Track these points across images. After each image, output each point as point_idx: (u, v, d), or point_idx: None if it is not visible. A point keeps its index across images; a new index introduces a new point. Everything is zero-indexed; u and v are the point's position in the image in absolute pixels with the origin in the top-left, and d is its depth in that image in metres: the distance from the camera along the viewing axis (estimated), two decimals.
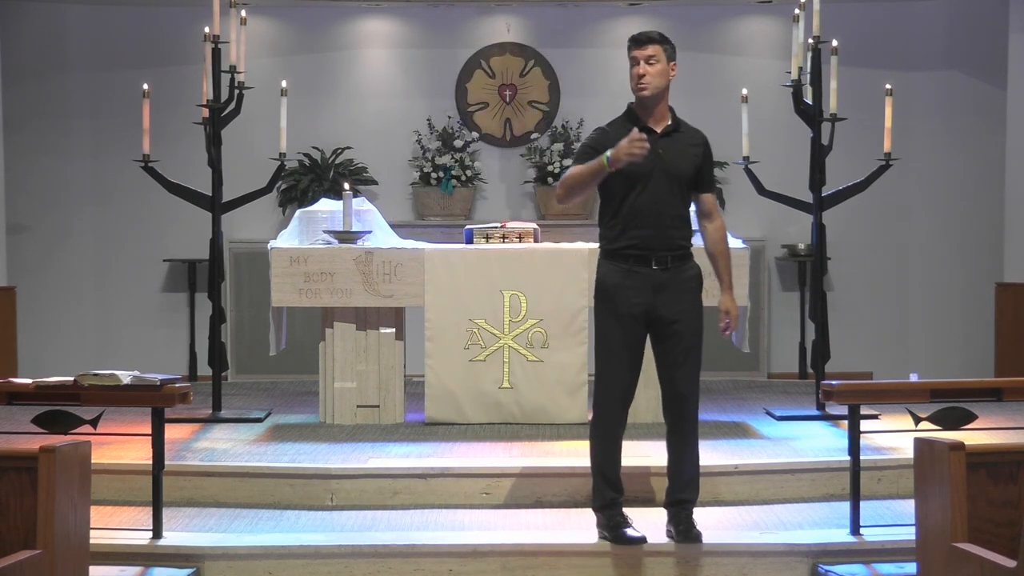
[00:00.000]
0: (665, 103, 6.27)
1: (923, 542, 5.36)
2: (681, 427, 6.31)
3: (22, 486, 5.13)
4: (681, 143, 6.24)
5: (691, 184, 6.26)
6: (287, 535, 6.51)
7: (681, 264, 6.26)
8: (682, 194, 6.23)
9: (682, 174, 6.21)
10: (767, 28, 12.15)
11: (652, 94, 6.21)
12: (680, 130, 6.28)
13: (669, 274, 6.23)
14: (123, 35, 12.03)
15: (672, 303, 6.23)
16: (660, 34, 6.30)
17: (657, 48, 6.22)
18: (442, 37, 12.22)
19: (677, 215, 6.22)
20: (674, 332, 6.24)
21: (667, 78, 6.23)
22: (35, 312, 11.78)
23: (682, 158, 6.21)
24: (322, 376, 8.69)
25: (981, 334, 11.61)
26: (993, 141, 11.56)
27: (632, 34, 6.31)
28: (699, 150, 6.26)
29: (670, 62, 6.24)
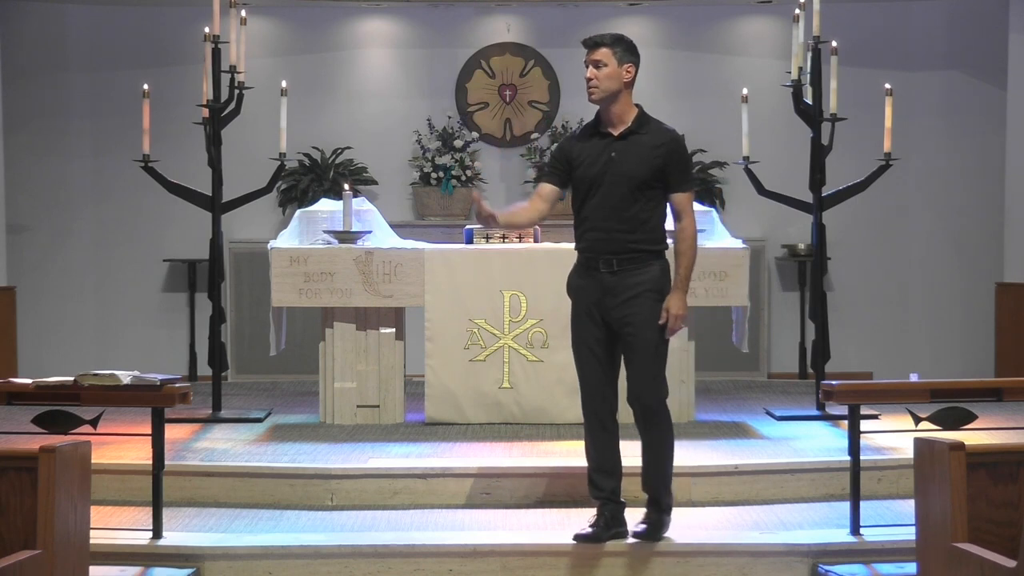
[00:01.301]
0: (623, 105, 6.23)
1: (923, 542, 5.36)
2: (640, 426, 6.28)
3: (22, 486, 5.13)
4: (639, 145, 6.18)
5: (651, 185, 6.15)
6: (287, 535, 6.51)
7: (631, 267, 6.18)
8: (637, 196, 6.14)
9: (634, 176, 6.14)
10: (767, 28, 12.15)
11: (600, 98, 6.21)
12: (642, 131, 6.21)
13: (617, 277, 6.19)
14: (123, 35, 12.03)
15: (621, 306, 6.19)
16: (613, 36, 6.26)
17: (606, 52, 6.19)
18: (442, 37, 12.22)
19: (629, 218, 6.16)
20: (626, 334, 6.20)
21: (619, 81, 6.20)
22: (35, 312, 11.78)
23: (636, 160, 6.15)
24: (322, 376, 8.69)
25: (981, 334, 11.61)
26: (993, 141, 11.56)
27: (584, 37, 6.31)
28: (661, 151, 6.16)
29: (623, 64, 6.20)
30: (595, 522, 6.28)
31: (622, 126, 6.23)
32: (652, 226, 6.19)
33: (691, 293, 8.36)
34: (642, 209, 6.16)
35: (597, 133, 6.29)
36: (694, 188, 6.34)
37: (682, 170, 6.23)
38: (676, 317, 6.16)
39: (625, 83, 6.22)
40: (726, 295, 8.58)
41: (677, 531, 6.51)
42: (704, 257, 8.52)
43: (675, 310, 6.16)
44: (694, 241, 6.22)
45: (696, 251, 6.24)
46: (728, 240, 8.82)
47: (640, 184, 6.15)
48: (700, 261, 8.46)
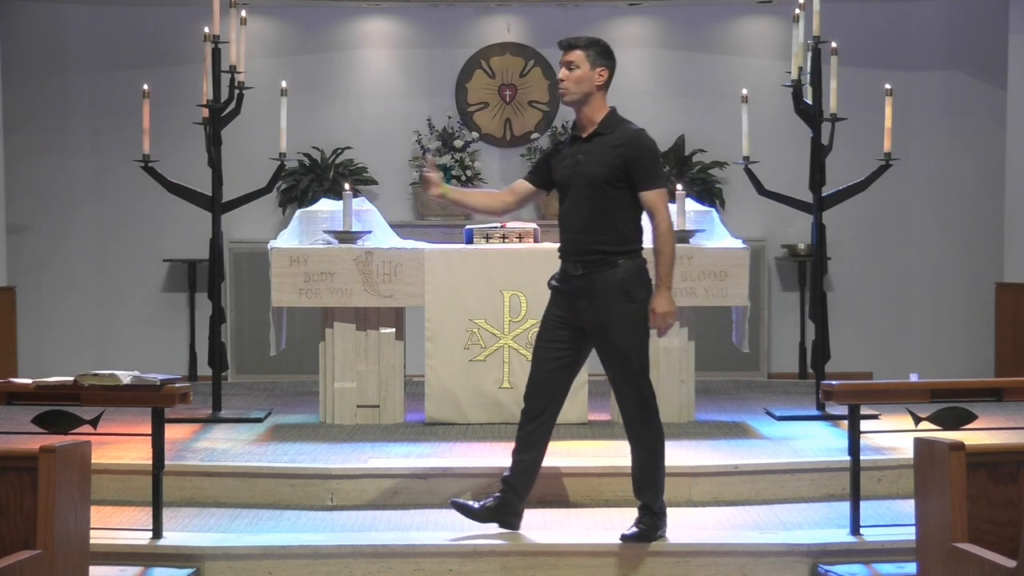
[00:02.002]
0: (594, 107, 6.22)
1: (923, 542, 5.36)
2: (627, 430, 6.30)
3: (22, 486, 5.13)
4: (603, 146, 6.17)
5: (615, 185, 6.12)
6: (287, 535, 6.51)
7: (599, 269, 6.15)
8: (602, 198, 6.12)
9: (596, 178, 6.12)
10: (767, 28, 12.15)
11: (571, 100, 6.22)
12: (607, 133, 6.19)
13: (585, 280, 6.18)
14: (123, 35, 12.02)
15: (591, 308, 6.17)
16: (587, 39, 6.27)
17: (579, 54, 6.20)
18: (442, 37, 12.22)
19: (595, 220, 6.14)
20: (601, 336, 6.20)
21: (591, 84, 6.19)
22: (35, 312, 11.78)
23: (598, 162, 6.14)
24: (322, 376, 8.69)
25: (981, 334, 11.61)
26: (993, 141, 11.56)
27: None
28: (621, 150, 6.13)
29: (596, 68, 6.19)
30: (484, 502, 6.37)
31: (591, 128, 6.24)
32: (618, 227, 6.15)
33: (691, 293, 8.51)
34: (607, 211, 6.14)
35: (573, 136, 6.34)
36: (664, 185, 6.23)
37: (647, 168, 6.15)
38: (662, 316, 6.12)
39: (597, 86, 6.21)
40: (726, 295, 8.58)
41: (677, 531, 6.51)
42: (704, 257, 8.56)
43: (659, 309, 6.12)
44: (669, 238, 6.13)
45: (673, 247, 6.14)
46: (728, 240, 8.82)
47: (602, 185, 6.13)
48: (700, 261, 8.54)
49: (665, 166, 11.77)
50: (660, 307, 6.11)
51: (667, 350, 8.65)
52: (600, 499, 7.08)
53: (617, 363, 6.20)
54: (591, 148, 6.19)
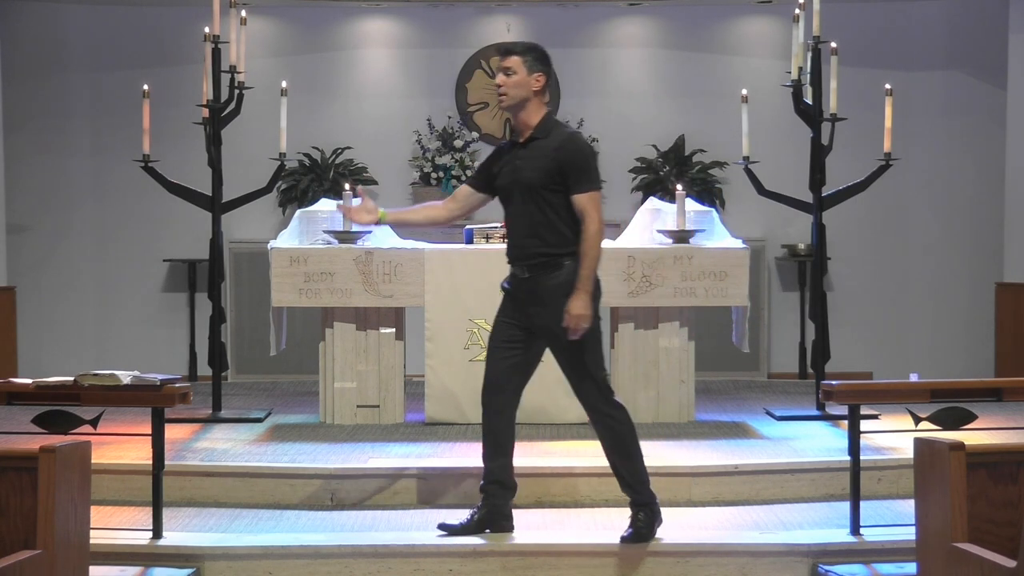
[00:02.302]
0: (531, 112, 6.26)
1: (923, 542, 5.36)
2: (594, 429, 6.32)
3: (22, 486, 5.13)
4: (539, 150, 6.21)
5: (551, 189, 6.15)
6: (287, 535, 6.51)
7: (543, 272, 6.20)
8: (542, 202, 6.17)
9: (532, 182, 6.17)
10: (767, 28, 12.14)
11: (508, 105, 6.28)
12: (543, 137, 6.24)
13: (530, 284, 6.24)
14: (123, 35, 12.02)
15: (539, 312, 6.21)
16: (524, 45, 6.33)
17: (516, 60, 6.24)
18: (442, 37, 12.22)
19: (535, 223, 6.19)
20: (551, 337, 6.23)
21: (528, 89, 6.23)
22: (35, 312, 11.78)
23: (534, 166, 6.19)
24: (322, 376, 8.69)
25: (981, 334, 11.61)
26: (993, 141, 11.56)
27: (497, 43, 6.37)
28: (557, 153, 6.17)
29: (533, 73, 6.24)
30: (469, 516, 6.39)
31: (528, 133, 6.28)
32: (560, 229, 6.18)
33: (691, 293, 8.52)
34: (548, 214, 6.18)
35: (512, 142, 6.40)
36: (596, 188, 6.22)
37: (579, 170, 6.18)
38: (575, 318, 6.12)
39: (534, 91, 6.25)
40: (726, 295, 8.58)
41: (677, 531, 6.52)
42: (704, 257, 8.56)
43: (573, 310, 6.13)
44: (596, 241, 6.16)
45: (599, 252, 6.17)
46: (728, 240, 8.82)
47: (540, 190, 6.18)
48: (700, 261, 8.54)
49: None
50: (574, 308, 6.12)
51: (667, 350, 8.66)
52: (600, 499, 7.08)
53: (569, 362, 6.25)
54: (528, 153, 6.25)
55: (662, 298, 8.56)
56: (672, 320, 8.67)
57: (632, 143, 12.03)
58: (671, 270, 8.54)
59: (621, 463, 6.31)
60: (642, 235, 8.88)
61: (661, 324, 8.67)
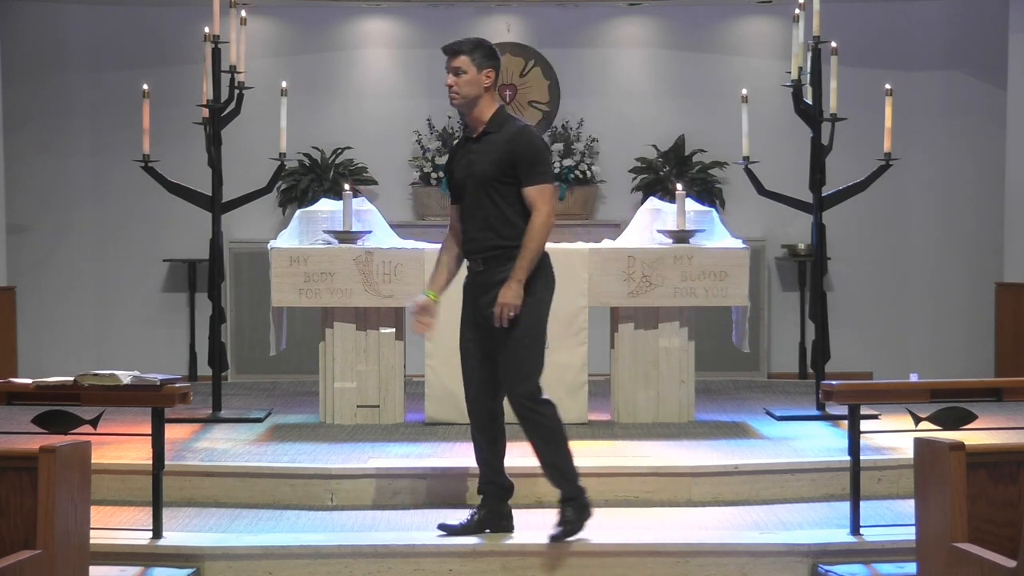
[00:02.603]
0: (483, 108, 6.30)
1: (923, 542, 5.36)
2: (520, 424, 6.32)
3: (22, 486, 5.13)
4: (492, 144, 6.25)
5: (504, 182, 6.18)
6: (287, 535, 6.51)
7: (495, 265, 6.22)
8: (492, 196, 6.20)
9: (485, 176, 6.21)
10: (767, 28, 12.15)
11: (460, 103, 6.32)
12: (495, 131, 6.27)
13: (484, 276, 6.27)
14: (123, 35, 12.02)
15: (489, 304, 6.22)
16: (471, 43, 6.34)
17: (464, 59, 6.27)
18: (442, 37, 11.98)
19: (488, 217, 6.22)
20: (498, 329, 6.22)
21: (479, 87, 6.27)
22: (35, 312, 11.77)
23: (487, 160, 6.22)
24: (322, 376, 8.69)
25: (981, 334, 11.61)
26: (993, 141, 11.56)
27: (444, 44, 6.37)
28: (508, 146, 6.20)
29: (482, 70, 6.27)
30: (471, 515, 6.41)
31: (480, 128, 6.33)
32: (514, 221, 6.21)
33: (691, 293, 8.52)
34: (501, 207, 6.21)
35: (465, 138, 6.44)
36: (548, 181, 6.23)
37: (530, 163, 6.20)
38: (502, 306, 6.13)
39: (485, 87, 6.30)
40: (726, 295, 8.58)
41: (677, 531, 6.53)
42: (704, 257, 8.56)
43: (502, 298, 6.14)
44: (539, 234, 6.17)
45: (540, 245, 6.18)
46: (728, 240, 8.82)
47: (493, 183, 6.21)
48: (700, 261, 8.54)
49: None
50: (504, 296, 6.14)
51: (667, 350, 8.66)
52: (600, 499, 7.05)
53: (506, 355, 6.24)
54: (481, 147, 6.29)
55: (662, 298, 8.56)
56: (672, 320, 8.67)
57: (632, 143, 12.04)
58: (671, 270, 8.54)
59: (550, 458, 6.31)
60: (642, 235, 8.88)
61: (661, 324, 8.66)
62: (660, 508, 7.02)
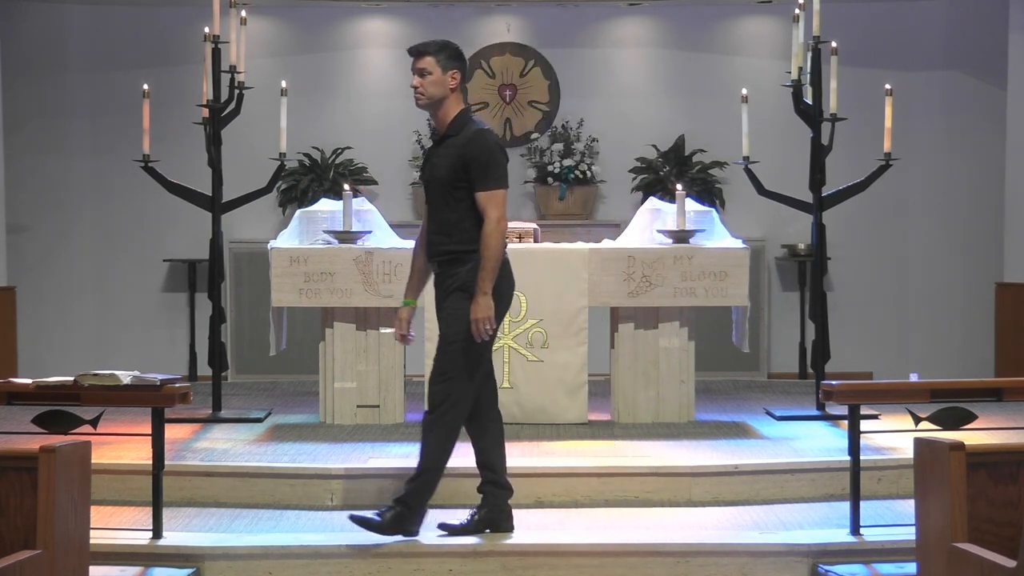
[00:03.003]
0: (448, 110, 6.30)
1: (923, 542, 5.36)
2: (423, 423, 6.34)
3: (22, 486, 5.12)
4: (450, 148, 6.25)
5: (458, 186, 6.19)
6: (287, 535, 6.51)
7: (449, 269, 6.27)
8: (448, 200, 6.23)
9: (443, 180, 6.24)
10: (767, 28, 12.15)
11: (425, 104, 6.32)
12: (455, 135, 6.27)
13: (440, 279, 6.34)
14: (123, 35, 12.03)
15: (440, 306, 6.31)
16: (437, 44, 6.34)
17: (429, 60, 6.28)
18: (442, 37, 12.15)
19: (444, 220, 6.25)
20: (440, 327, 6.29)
21: (444, 88, 6.27)
22: (35, 312, 11.78)
23: (444, 164, 6.24)
24: (322, 376, 8.69)
25: (981, 334, 11.61)
26: (993, 141, 11.56)
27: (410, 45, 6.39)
28: (462, 150, 6.20)
29: (447, 72, 6.27)
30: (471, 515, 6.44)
31: (443, 130, 6.34)
32: (466, 227, 6.22)
33: (691, 293, 8.52)
34: (455, 211, 6.23)
35: (432, 140, 6.48)
36: (500, 187, 6.24)
37: (482, 168, 6.20)
38: (476, 322, 6.15)
39: (451, 88, 6.30)
40: (726, 295, 8.58)
41: (677, 531, 6.53)
42: (704, 257, 8.56)
43: (473, 314, 6.15)
44: (493, 241, 6.17)
45: (497, 253, 6.18)
46: (728, 240, 8.82)
47: (448, 187, 6.23)
48: (700, 261, 8.55)
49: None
50: (474, 312, 6.15)
51: (667, 350, 8.66)
52: (600, 499, 7.08)
53: (440, 352, 6.27)
54: (441, 151, 6.31)
55: (662, 298, 8.56)
56: (672, 320, 8.66)
57: (632, 143, 12.04)
58: (671, 270, 8.54)
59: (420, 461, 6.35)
60: (642, 235, 8.88)
61: (661, 324, 8.66)
62: (660, 508, 7.02)
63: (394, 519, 6.27)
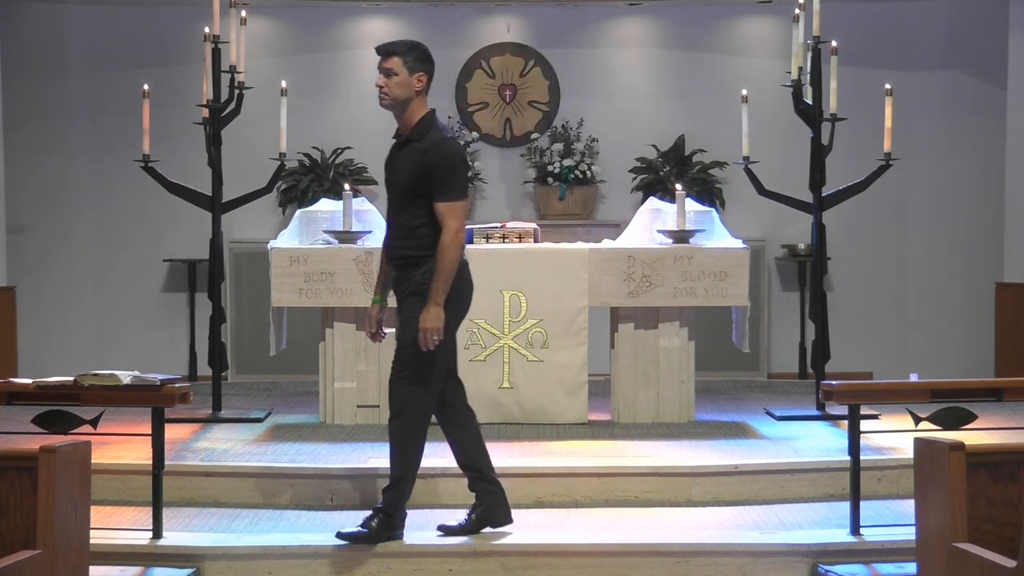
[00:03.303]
0: (412, 112, 6.27)
1: (923, 542, 5.36)
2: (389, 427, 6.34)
3: (22, 486, 5.13)
4: (412, 152, 6.24)
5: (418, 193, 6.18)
6: (287, 535, 6.52)
7: (405, 272, 6.26)
8: (408, 204, 6.22)
9: (403, 185, 6.23)
10: (767, 28, 12.14)
11: (388, 105, 6.29)
12: (417, 139, 6.25)
13: (397, 283, 6.33)
14: (123, 35, 12.03)
15: (398, 309, 6.31)
16: (405, 44, 6.31)
17: (396, 61, 6.24)
18: (442, 37, 12.20)
19: (404, 225, 6.24)
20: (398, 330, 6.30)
21: (410, 89, 6.25)
22: (35, 312, 11.77)
23: (405, 169, 6.23)
24: (322, 376, 8.69)
25: (981, 334, 11.61)
26: (993, 141, 11.56)
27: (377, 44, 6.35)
28: (423, 158, 6.18)
29: (414, 73, 6.25)
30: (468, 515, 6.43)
31: (405, 133, 6.31)
32: (424, 232, 6.20)
33: (691, 293, 8.52)
34: (413, 217, 6.22)
35: (396, 141, 6.42)
36: (458, 198, 6.20)
37: (442, 177, 6.17)
38: (424, 331, 6.12)
39: (416, 91, 6.27)
40: (726, 295, 8.58)
41: (677, 531, 6.53)
42: (704, 257, 8.56)
43: (422, 323, 6.13)
44: (449, 253, 6.13)
45: (452, 264, 6.14)
46: (728, 240, 8.82)
47: (408, 192, 6.21)
48: (700, 261, 8.55)
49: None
50: (424, 321, 6.13)
51: (667, 350, 8.66)
52: (600, 499, 7.08)
53: (397, 356, 6.27)
54: (402, 155, 6.29)
55: (662, 298, 8.56)
56: (672, 320, 8.66)
57: (632, 143, 12.04)
58: (671, 270, 8.54)
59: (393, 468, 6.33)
60: (642, 235, 8.88)
61: (661, 324, 8.66)
62: (660, 508, 7.02)
63: (380, 527, 6.29)
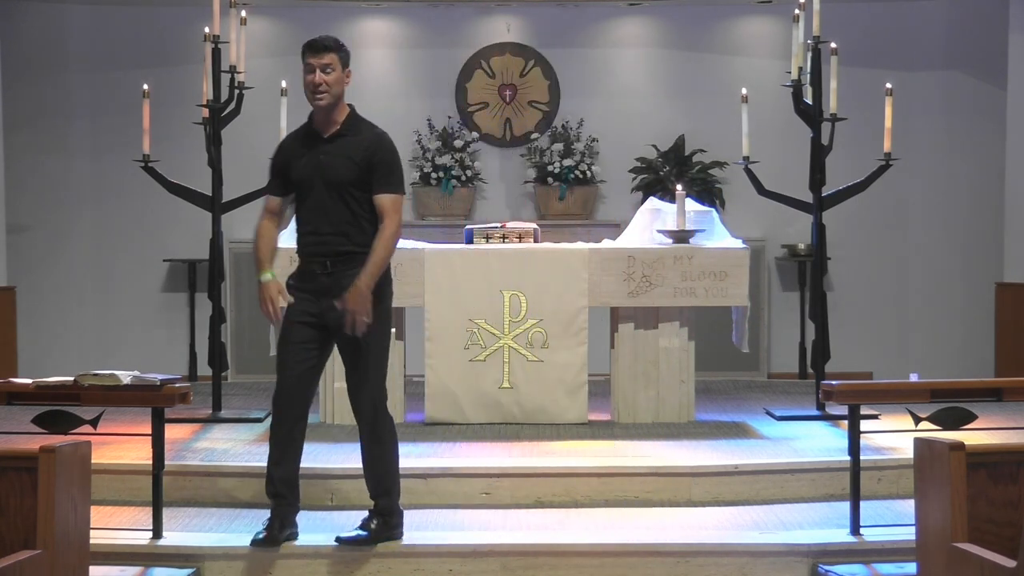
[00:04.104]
0: (342, 109, 6.29)
1: (923, 542, 5.37)
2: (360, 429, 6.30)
3: (22, 486, 5.13)
4: (347, 147, 6.22)
5: (359, 187, 6.17)
6: None
7: (344, 269, 6.18)
8: (346, 199, 6.18)
9: (340, 180, 6.18)
10: (767, 28, 12.15)
11: (329, 103, 6.25)
12: (350, 134, 6.25)
13: (332, 279, 6.21)
14: (123, 35, 12.03)
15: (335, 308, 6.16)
16: (336, 41, 6.32)
17: (333, 56, 6.25)
18: (442, 37, 12.22)
19: (341, 221, 6.18)
20: (340, 337, 6.21)
21: (343, 85, 6.27)
22: (35, 312, 11.77)
23: (342, 163, 6.19)
24: (322, 376, 8.67)
25: (981, 334, 11.61)
26: (993, 141, 11.56)
27: (308, 40, 6.31)
28: (365, 153, 6.19)
29: (345, 69, 6.28)
30: (269, 525, 6.30)
31: (333, 128, 6.28)
32: (365, 227, 6.19)
33: (691, 293, 8.52)
34: (354, 212, 6.19)
35: (309, 135, 6.33)
36: (399, 191, 6.23)
37: (384, 171, 6.20)
38: (355, 313, 6.07)
39: (345, 87, 6.30)
40: (726, 295, 8.58)
41: (677, 531, 6.53)
42: (704, 257, 8.56)
43: (349, 304, 6.08)
44: (389, 243, 6.15)
45: (388, 255, 6.16)
46: (728, 240, 8.82)
47: (347, 187, 6.18)
48: (700, 261, 8.55)
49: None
50: (350, 302, 6.06)
51: (667, 350, 8.66)
52: (600, 499, 7.08)
53: (358, 360, 6.24)
54: (333, 149, 6.24)
55: (662, 298, 8.56)
56: (672, 320, 8.66)
57: (632, 143, 12.04)
58: (671, 270, 8.54)
59: (378, 470, 6.32)
60: (642, 235, 8.88)
61: (661, 324, 8.66)
62: (660, 508, 7.02)
63: (380, 529, 6.29)
